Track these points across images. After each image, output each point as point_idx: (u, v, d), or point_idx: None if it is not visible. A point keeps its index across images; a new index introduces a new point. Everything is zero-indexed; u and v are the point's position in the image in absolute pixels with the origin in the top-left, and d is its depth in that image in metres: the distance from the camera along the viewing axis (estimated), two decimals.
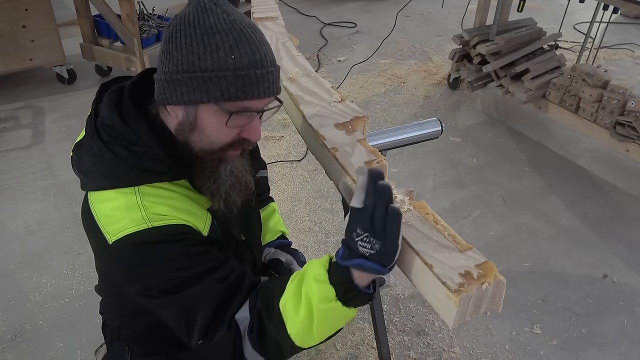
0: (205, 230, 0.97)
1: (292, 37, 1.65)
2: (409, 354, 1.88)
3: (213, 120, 0.89)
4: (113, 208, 0.91)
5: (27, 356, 1.84)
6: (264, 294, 0.94)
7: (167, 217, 0.91)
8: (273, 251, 1.37)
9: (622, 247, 2.37)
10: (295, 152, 2.96)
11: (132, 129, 0.92)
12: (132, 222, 0.90)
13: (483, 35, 3.18)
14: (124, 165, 0.92)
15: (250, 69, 0.86)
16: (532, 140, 3.12)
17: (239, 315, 0.93)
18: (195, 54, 0.84)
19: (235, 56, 0.84)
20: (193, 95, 0.86)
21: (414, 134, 1.46)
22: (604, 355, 1.90)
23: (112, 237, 0.90)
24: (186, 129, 0.91)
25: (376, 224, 0.79)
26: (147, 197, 0.92)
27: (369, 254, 0.80)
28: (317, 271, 0.86)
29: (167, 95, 0.89)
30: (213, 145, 0.93)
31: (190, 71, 0.85)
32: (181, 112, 0.91)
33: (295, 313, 0.87)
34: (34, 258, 2.23)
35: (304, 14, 4.87)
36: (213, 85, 0.85)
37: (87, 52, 3.50)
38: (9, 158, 2.84)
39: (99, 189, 0.94)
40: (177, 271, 0.92)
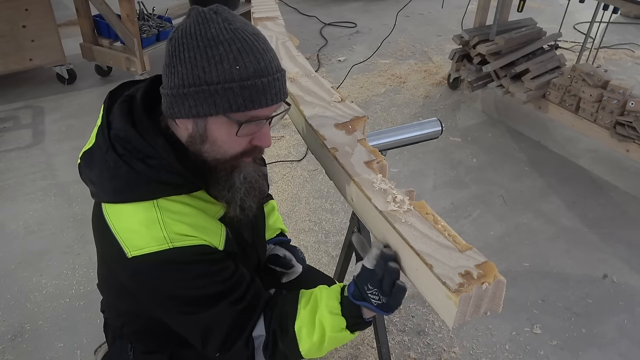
0: (221, 245, 0.99)
1: (292, 37, 1.65)
2: (409, 354, 1.88)
3: (223, 132, 0.89)
4: (133, 223, 0.92)
5: (27, 356, 1.84)
6: (278, 315, 1.03)
7: (188, 237, 0.92)
8: (272, 247, 1.39)
9: (622, 247, 2.37)
10: (295, 152, 2.96)
11: (149, 142, 0.92)
12: (153, 241, 0.90)
13: (483, 35, 3.18)
14: (142, 178, 0.91)
15: (256, 78, 0.85)
16: (532, 140, 3.12)
17: (255, 333, 1.01)
18: (200, 67, 0.84)
19: (240, 66, 0.84)
20: (201, 108, 0.86)
21: (414, 134, 1.46)
22: (604, 355, 1.90)
23: (131, 252, 0.91)
24: (197, 140, 0.91)
25: (384, 288, 0.92)
26: (166, 212, 0.92)
27: (377, 304, 0.94)
28: (331, 303, 0.98)
29: (175, 109, 0.89)
30: (225, 155, 0.93)
31: (196, 85, 0.85)
32: (191, 125, 0.91)
33: (309, 337, 0.99)
34: (34, 258, 2.23)
35: (304, 14, 4.87)
36: (220, 98, 0.85)
37: (87, 52, 3.50)
38: (9, 158, 2.84)
39: (116, 202, 0.93)
40: (194, 290, 0.95)
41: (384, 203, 0.96)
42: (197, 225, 0.95)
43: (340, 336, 0.98)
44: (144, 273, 0.93)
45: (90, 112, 3.21)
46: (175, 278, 0.93)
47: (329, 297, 0.99)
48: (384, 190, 1.00)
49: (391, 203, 0.96)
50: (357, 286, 0.95)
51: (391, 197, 0.97)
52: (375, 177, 1.03)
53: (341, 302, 0.98)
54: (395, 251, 0.93)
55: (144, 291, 0.97)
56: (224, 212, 1.02)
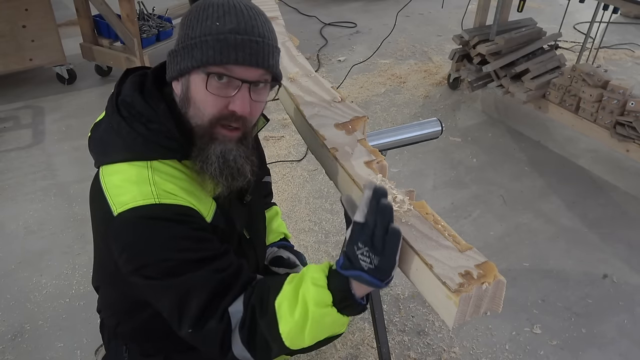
0: (209, 217, 0.98)
1: (292, 37, 1.65)
2: (409, 354, 1.88)
3: (199, 89, 0.91)
4: (123, 179, 0.93)
5: (27, 356, 1.84)
6: (259, 291, 0.94)
7: (176, 196, 0.92)
8: (276, 250, 1.39)
9: (622, 247, 2.37)
10: (295, 152, 2.96)
11: (152, 106, 0.95)
12: (140, 195, 0.90)
13: (483, 35, 3.18)
14: (141, 140, 0.94)
15: (231, 33, 0.88)
16: (532, 140, 3.12)
17: (232, 308, 0.93)
18: (190, 27, 0.91)
19: (220, 23, 0.89)
20: (183, 63, 0.91)
21: (414, 134, 1.46)
22: (604, 355, 1.90)
23: (117, 209, 0.91)
24: (184, 103, 0.95)
25: (376, 241, 0.82)
26: (158, 173, 0.93)
27: (368, 268, 0.83)
28: (316, 275, 0.88)
29: (169, 69, 0.95)
30: (204, 118, 0.93)
31: (184, 42, 0.92)
32: (179, 87, 0.95)
33: (290, 313, 0.89)
34: (34, 258, 2.23)
35: (304, 14, 4.87)
36: (197, 50, 0.89)
37: (87, 52, 3.50)
38: (9, 158, 2.84)
39: (112, 162, 0.95)
40: (177, 252, 0.92)
41: None
42: (188, 190, 0.95)
43: (326, 315, 0.87)
44: (128, 229, 0.91)
45: (90, 112, 3.21)
46: (157, 236, 0.91)
47: (315, 270, 0.90)
48: None
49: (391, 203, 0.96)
50: (346, 255, 0.85)
51: (391, 197, 0.97)
52: (375, 177, 1.03)
53: (328, 275, 0.88)
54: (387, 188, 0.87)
55: (125, 253, 0.93)
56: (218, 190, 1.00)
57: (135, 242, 0.92)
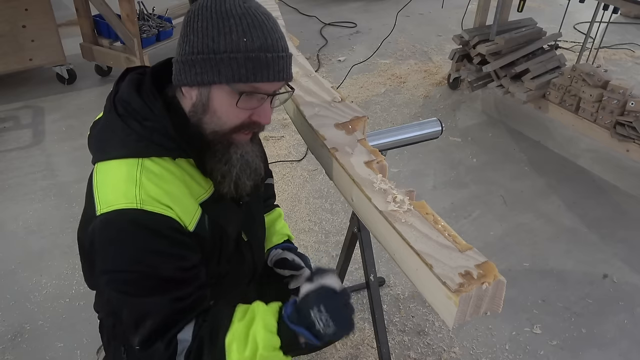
0: (191, 225, 0.97)
1: (292, 37, 1.66)
2: (409, 354, 1.88)
3: (224, 102, 0.92)
4: (113, 178, 0.93)
5: (27, 356, 1.84)
6: (209, 324, 0.96)
7: (160, 204, 0.91)
8: (280, 252, 1.37)
9: (622, 247, 2.37)
10: (295, 152, 2.96)
11: (148, 105, 0.95)
12: (123, 198, 0.90)
13: (483, 35, 3.18)
14: (135, 136, 0.94)
15: (261, 52, 0.89)
16: (532, 140, 3.12)
17: (180, 336, 0.95)
18: (210, 37, 0.88)
19: (247, 39, 0.88)
20: (206, 76, 0.90)
21: (414, 134, 1.46)
22: (604, 355, 1.90)
23: (101, 209, 0.91)
24: (199, 110, 0.94)
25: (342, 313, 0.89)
26: (147, 173, 0.92)
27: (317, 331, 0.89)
28: (268, 320, 0.93)
29: (182, 76, 0.93)
30: (224, 126, 0.95)
31: (204, 53, 0.89)
32: (195, 93, 0.94)
33: (239, 352, 0.92)
34: (34, 258, 2.23)
35: (304, 14, 4.87)
36: (225, 67, 0.88)
37: (87, 52, 3.50)
38: (9, 158, 2.84)
39: (107, 159, 0.95)
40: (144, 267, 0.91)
41: (384, 203, 0.97)
42: (173, 194, 0.94)
43: (274, 356, 0.92)
44: (106, 232, 0.91)
45: (90, 112, 3.21)
46: (132, 245, 0.90)
47: (266, 313, 0.94)
48: (384, 190, 1.00)
49: (391, 203, 0.96)
50: (297, 309, 0.91)
51: (391, 197, 0.97)
52: (375, 177, 1.03)
53: (278, 321, 0.93)
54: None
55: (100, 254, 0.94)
56: (208, 196, 1.01)
57: (108, 246, 0.92)
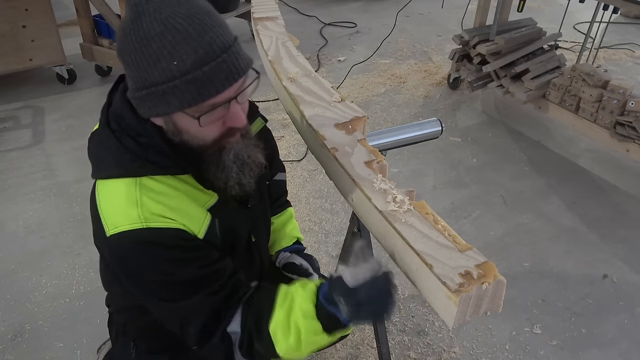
0: (201, 233, 0.97)
1: (292, 37, 1.66)
2: (409, 354, 1.88)
3: (190, 124, 0.88)
4: (114, 199, 0.92)
5: (27, 356, 1.84)
6: (254, 314, 0.98)
7: (164, 218, 0.91)
8: (289, 255, 1.37)
9: (622, 247, 2.37)
10: (295, 152, 2.96)
11: (140, 120, 0.92)
12: (127, 219, 0.90)
13: (483, 35, 3.18)
14: (129, 155, 0.92)
15: (196, 69, 0.80)
16: (532, 140, 3.12)
17: (230, 329, 0.98)
18: (143, 69, 0.82)
19: (177, 61, 0.80)
20: (159, 109, 0.85)
21: (414, 134, 1.46)
22: (604, 355, 1.90)
23: (109, 230, 0.91)
24: (174, 132, 0.91)
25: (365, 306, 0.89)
26: (147, 192, 0.92)
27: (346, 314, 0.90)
28: (305, 307, 0.93)
29: (142, 110, 0.89)
30: (205, 141, 0.92)
31: (146, 87, 0.84)
32: (162, 122, 0.91)
33: (284, 339, 0.95)
34: (34, 258, 2.23)
35: (304, 14, 4.87)
36: (170, 97, 0.82)
37: (87, 52, 3.50)
38: (9, 158, 2.84)
39: (104, 178, 0.95)
40: (168, 275, 0.93)
41: (384, 203, 0.96)
42: (177, 208, 0.93)
43: (318, 339, 0.93)
44: (120, 252, 0.92)
45: (90, 112, 3.21)
46: (148, 260, 0.91)
47: (303, 299, 0.94)
48: (384, 190, 1.00)
49: (391, 203, 0.96)
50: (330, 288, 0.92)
51: (391, 197, 0.97)
52: (375, 177, 1.03)
53: (316, 304, 0.93)
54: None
55: (123, 272, 0.96)
56: (215, 201, 1.01)
57: (129, 266, 0.93)
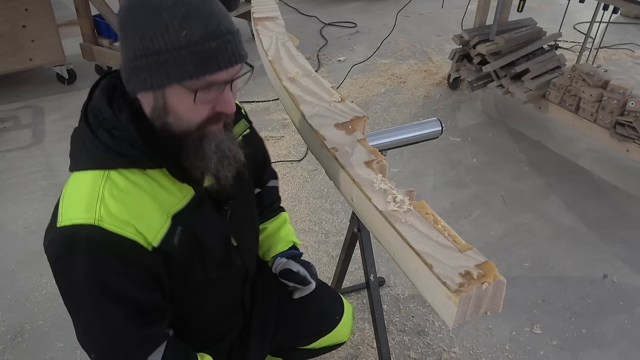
0: (156, 240, 0.93)
1: (292, 37, 1.66)
2: (409, 354, 1.88)
3: (182, 101, 0.88)
4: (78, 190, 0.91)
5: (27, 356, 1.84)
6: None
7: (119, 223, 0.88)
8: (285, 261, 1.32)
9: (622, 247, 2.37)
10: (295, 152, 2.96)
11: (116, 113, 0.92)
12: (84, 213, 0.88)
13: (483, 35, 3.18)
14: (102, 148, 0.91)
15: (205, 42, 0.83)
16: (532, 140, 3.12)
17: None
18: (148, 38, 0.83)
19: (186, 32, 0.82)
20: (154, 80, 0.85)
21: (414, 134, 1.46)
22: (604, 355, 1.90)
23: (62, 221, 0.89)
24: (160, 113, 0.90)
25: None
26: (111, 187, 0.89)
27: None
28: None
29: (132, 84, 0.88)
30: (190, 124, 0.91)
31: (146, 56, 0.84)
32: (150, 98, 0.90)
33: None
34: (34, 258, 2.23)
35: (304, 14, 4.87)
36: (171, 67, 0.83)
37: (87, 52, 3.50)
38: (9, 158, 2.84)
39: (77, 170, 0.93)
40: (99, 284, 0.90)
41: (384, 203, 0.96)
42: (135, 210, 0.91)
43: None
44: (62, 245, 0.89)
45: None
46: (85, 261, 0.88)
47: None
48: (384, 190, 1.00)
49: (391, 203, 0.96)
50: None
51: (391, 197, 0.97)
52: (375, 177, 1.03)
53: None
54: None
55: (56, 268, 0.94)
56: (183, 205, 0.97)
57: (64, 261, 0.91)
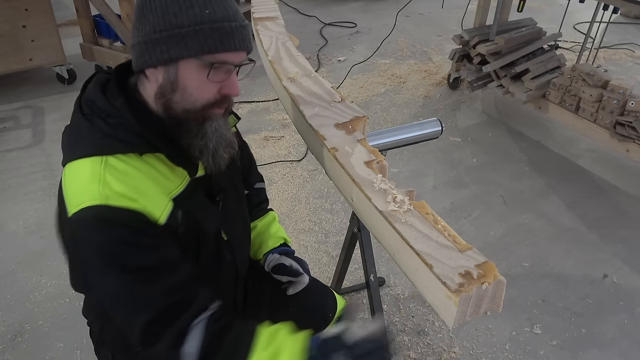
0: (162, 218, 0.95)
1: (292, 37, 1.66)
2: (409, 354, 1.88)
3: (194, 77, 0.92)
4: (78, 179, 0.92)
5: (27, 356, 1.84)
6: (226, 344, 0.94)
7: (125, 198, 0.90)
8: (278, 257, 1.33)
9: (622, 247, 2.37)
10: (295, 152, 2.96)
11: (110, 102, 0.94)
12: (89, 196, 0.89)
13: (483, 35, 3.18)
14: (99, 134, 0.93)
15: (225, 21, 0.89)
16: (532, 140, 3.12)
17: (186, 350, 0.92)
18: (172, 13, 0.88)
19: (209, 10, 0.88)
20: (173, 51, 0.89)
21: (414, 134, 1.46)
22: (604, 355, 1.90)
23: (71, 210, 0.90)
24: (167, 90, 0.93)
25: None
26: (111, 170, 0.91)
27: None
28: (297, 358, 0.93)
29: (146, 57, 0.91)
30: (196, 103, 0.94)
31: (167, 29, 0.88)
32: (161, 74, 0.93)
33: None
34: (34, 258, 2.23)
35: (304, 14, 4.87)
36: (191, 40, 0.88)
37: (87, 52, 3.50)
38: (9, 158, 2.84)
39: (74, 159, 0.94)
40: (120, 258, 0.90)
41: (384, 203, 0.96)
42: (140, 189, 0.92)
43: None
44: (78, 230, 0.90)
45: None
46: (105, 239, 0.89)
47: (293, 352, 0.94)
48: (384, 190, 1.00)
49: (391, 203, 0.96)
50: (321, 344, 0.95)
51: (391, 197, 0.97)
52: (375, 177, 1.03)
53: (309, 357, 0.94)
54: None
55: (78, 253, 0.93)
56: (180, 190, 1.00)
57: (84, 244, 0.91)
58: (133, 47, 0.93)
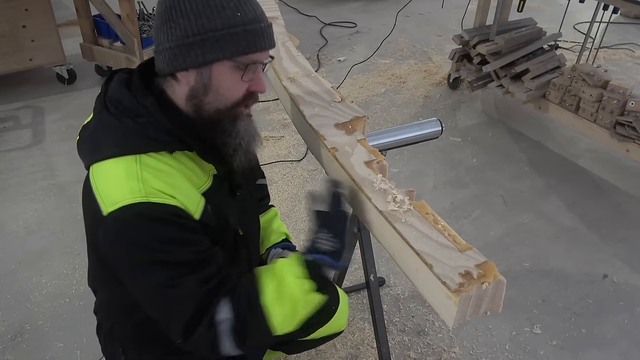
0: (197, 213, 0.98)
1: (292, 37, 1.66)
2: (409, 354, 1.88)
3: (227, 77, 0.94)
4: (112, 177, 0.92)
5: (27, 356, 1.84)
6: (243, 296, 0.98)
7: (164, 194, 0.92)
8: (280, 251, 1.37)
9: (622, 247, 2.37)
10: (295, 152, 2.96)
11: (139, 101, 0.96)
12: (129, 193, 0.90)
13: (483, 35, 3.18)
14: (130, 134, 0.94)
15: (255, 23, 0.93)
16: (532, 140, 3.12)
17: (219, 317, 0.96)
18: (204, 16, 0.90)
19: (241, 13, 0.91)
20: (208, 55, 0.91)
21: (414, 134, 1.46)
22: (604, 355, 1.90)
23: (107, 208, 0.91)
24: (200, 92, 0.95)
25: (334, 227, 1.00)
26: (146, 168, 0.93)
27: (332, 251, 0.99)
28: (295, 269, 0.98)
29: (180, 61, 0.92)
30: (227, 102, 0.97)
31: (201, 33, 0.90)
32: (193, 77, 0.94)
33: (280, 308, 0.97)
34: (34, 258, 2.23)
35: (304, 14, 4.87)
36: (226, 42, 0.91)
37: (87, 52, 3.50)
38: (9, 158, 2.84)
39: (102, 159, 0.95)
40: (162, 254, 0.92)
41: (384, 203, 0.97)
42: (176, 186, 0.95)
43: (311, 299, 0.98)
44: (116, 228, 0.91)
45: (90, 112, 3.19)
46: (146, 236, 0.91)
47: (290, 265, 0.99)
48: (384, 190, 1.00)
49: (391, 203, 0.96)
50: (311, 243, 1.00)
51: (391, 197, 0.97)
52: (375, 177, 1.03)
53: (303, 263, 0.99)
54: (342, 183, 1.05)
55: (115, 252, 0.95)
56: (208, 186, 1.03)
57: (123, 243, 0.92)
58: (162, 51, 0.94)
